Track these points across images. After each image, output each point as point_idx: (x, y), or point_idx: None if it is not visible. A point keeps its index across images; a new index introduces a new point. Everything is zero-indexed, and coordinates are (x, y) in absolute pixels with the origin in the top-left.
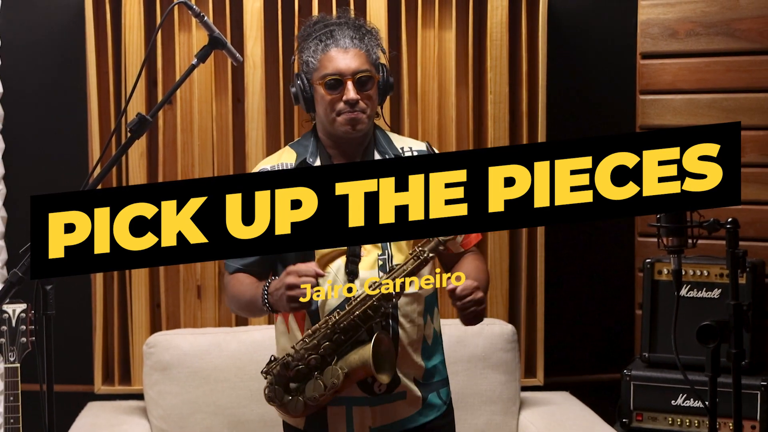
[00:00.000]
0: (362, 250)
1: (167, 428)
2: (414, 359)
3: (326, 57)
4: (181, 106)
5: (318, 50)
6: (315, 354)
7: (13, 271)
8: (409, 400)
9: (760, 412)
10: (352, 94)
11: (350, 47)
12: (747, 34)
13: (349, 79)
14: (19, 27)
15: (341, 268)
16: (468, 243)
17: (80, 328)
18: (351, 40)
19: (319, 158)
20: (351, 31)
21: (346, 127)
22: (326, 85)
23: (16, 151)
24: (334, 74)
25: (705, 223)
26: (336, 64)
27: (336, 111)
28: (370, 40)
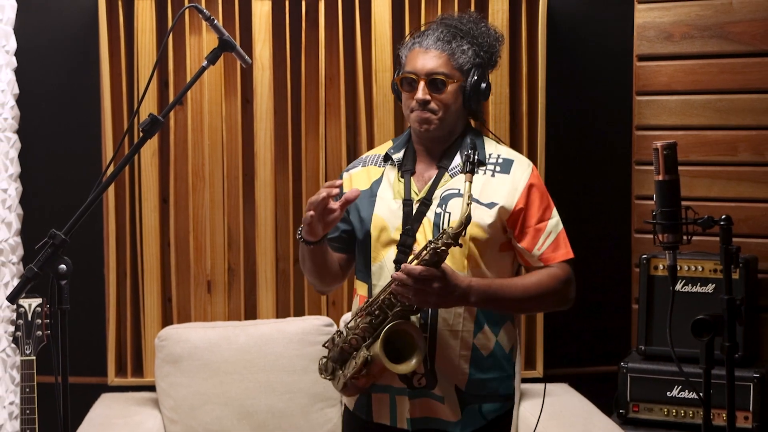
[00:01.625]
0: (415, 243)
1: (178, 419)
2: (456, 365)
3: (410, 54)
4: (191, 106)
5: (408, 47)
6: (355, 334)
7: (29, 267)
8: (448, 406)
9: (752, 403)
10: (421, 95)
11: (432, 48)
12: (740, 37)
13: (422, 79)
14: (35, 30)
15: (391, 258)
16: (549, 259)
17: (94, 321)
18: (436, 41)
19: (403, 151)
20: (442, 32)
21: (416, 125)
22: (401, 82)
23: (31, 150)
24: (409, 72)
25: (699, 220)
26: (414, 63)
27: (410, 108)
28: (461, 43)
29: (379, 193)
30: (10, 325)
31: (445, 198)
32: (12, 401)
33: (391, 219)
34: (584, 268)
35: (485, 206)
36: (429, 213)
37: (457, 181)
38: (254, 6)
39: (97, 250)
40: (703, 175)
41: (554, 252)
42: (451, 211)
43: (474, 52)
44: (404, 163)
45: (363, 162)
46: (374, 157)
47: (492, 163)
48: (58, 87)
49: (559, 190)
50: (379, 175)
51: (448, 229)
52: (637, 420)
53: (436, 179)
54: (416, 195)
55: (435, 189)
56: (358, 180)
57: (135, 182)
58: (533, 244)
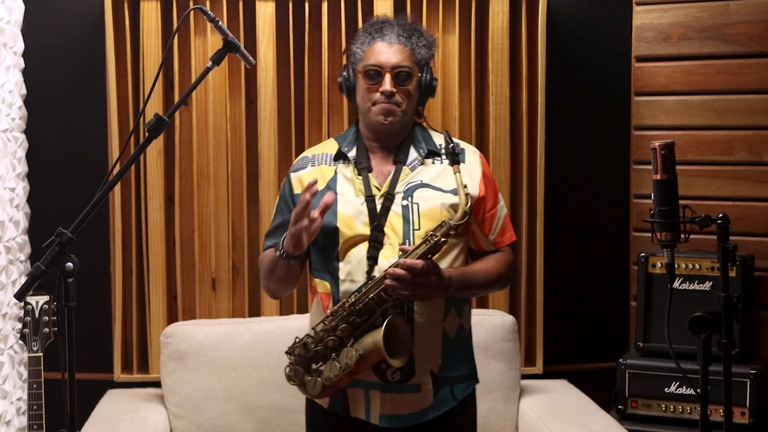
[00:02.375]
0: (385, 237)
1: (183, 414)
2: (431, 351)
3: (371, 49)
4: (196, 107)
5: (365, 42)
6: (332, 335)
7: (37, 265)
8: (423, 394)
9: (749, 399)
10: (388, 86)
11: (395, 43)
12: (737, 38)
13: (388, 71)
14: (42, 32)
15: (364, 254)
16: (499, 242)
17: (100, 319)
18: (398, 36)
19: (355, 148)
20: (400, 29)
21: (380, 117)
22: (366, 75)
23: (38, 149)
24: (374, 65)
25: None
26: (378, 56)
27: (372, 101)
28: (419, 41)
29: (339, 191)
30: (17, 322)
31: (410, 190)
32: (20, 397)
33: (357, 215)
34: (583, 266)
35: (450, 193)
36: (395, 207)
37: (418, 174)
38: (258, 8)
39: (103, 249)
40: (700, 174)
41: (503, 236)
42: (419, 202)
43: (426, 50)
44: (359, 161)
45: (311, 162)
46: (323, 156)
47: (444, 153)
48: (65, 87)
49: (559, 189)
50: (332, 174)
51: (449, 221)
52: (636, 416)
53: (396, 174)
54: (378, 190)
55: (396, 183)
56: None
57: (141, 181)
58: (489, 229)
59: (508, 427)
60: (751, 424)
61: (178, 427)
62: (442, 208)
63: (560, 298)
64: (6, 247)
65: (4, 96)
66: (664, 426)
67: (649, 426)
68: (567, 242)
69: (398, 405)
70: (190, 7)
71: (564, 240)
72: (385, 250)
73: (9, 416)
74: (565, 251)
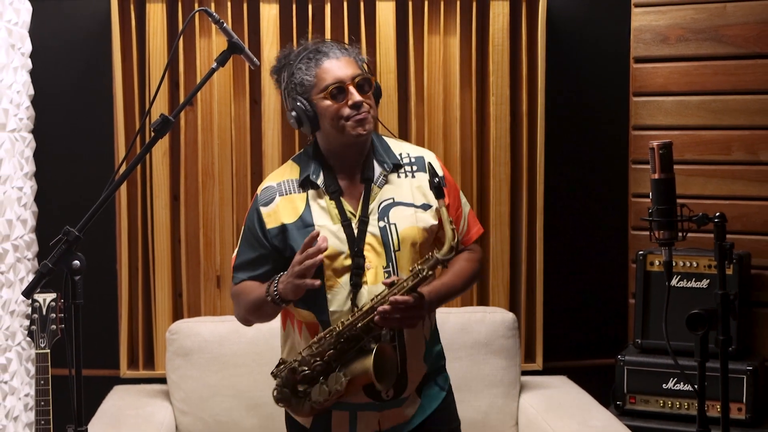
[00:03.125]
0: (367, 262)
1: (188, 410)
2: (419, 363)
3: (322, 70)
4: (201, 107)
5: (311, 67)
6: (320, 360)
7: (44, 263)
8: (411, 400)
9: (746, 394)
10: (357, 96)
11: (341, 56)
12: (733, 40)
13: (350, 84)
14: (49, 33)
15: (347, 282)
16: (468, 239)
17: (107, 316)
18: (339, 50)
19: (321, 173)
20: (335, 44)
21: (357, 129)
22: (330, 95)
23: (46, 149)
24: (334, 83)
25: (694, 217)
26: (334, 73)
27: (344, 117)
28: (354, 50)
29: (317, 222)
30: (25, 319)
31: (384, 210)
32: (27, 393)
33: (339, 245)
34: (583, 264)
35: (420, 208)
36: (371, 228)
37: (387, 191)
38: (262, 9)
39: (109, 247)
40: (697, 173)
41: (470, 232)
42: (396, 222)
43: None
44: (328, 185)
45: (278, 191)
46: (288, 184)
47: (407, 164)
48: (71, 88)
49: (558, 188)
50: (303, 203)
51: (436, 253)
52: (634, 411)
53: (366, 194)
54: (352, 215)
55: (368, 204)
56: (284, 210)
57: (147, 180)
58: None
59: (508, 423)
60: (747, 420)
61: (184, 423)
62: (418, 227)
63: (560, 295)
64: (14, 245)
65: (12, 96)
66: (662, 421)
67: (648, 421)
68: (566, 240)
69: (397, 418)
70: (195, 9)
71: (563, 238)
72: (368, 275)
73: (17, 412)
74: (565, 249)
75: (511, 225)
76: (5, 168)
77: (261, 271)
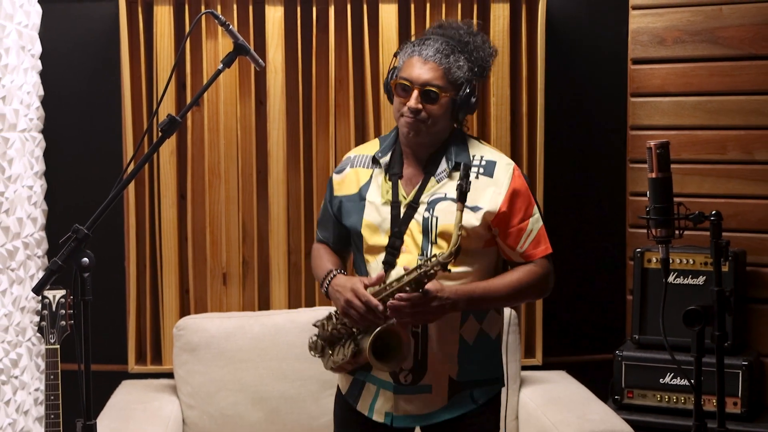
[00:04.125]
0: (403, 245)
1: (195, 404)
2: (446, 356)
3: (409, 62)
4: (208, 107)
5: (407, 53)
6: (343, 323)
7: (54, 260)
8: (434, 395)
9: (741, 389)
10: (413, 103)
11: (431, 59)
12: (729, 42)
13: (416, 88)
14: (59, 35)
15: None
16: (531, 255)
17: (115, 312)
18: (435, 52)
19: (390, 154)
20: (442, 44)
21: (405, 129)
22: (397, 87)
23: (55, 149)
24: (406, 79)
25: (691, 215)
26: (410, 71)
27: (400, 112)
28: (458, 58)
29: (368, 197)
30: (35, 315)
31: (432, 202)
32: (37, 388)
33: (381, 223)
34: (581, 261)
35: (470, 209)
36: (417, 216)
37: (443, 186)
38: (267, 12)
39: (118, 244)
40: (694, 172)
41: (535, 249)
42: (439, 216)
43: (469, 67)
44: (391, 166)
45: (351, 163)
46: (362, 158)
47: (476, 165)
48: (81, 89)
49: (558, 187)
50: (367, 178)
51: (438, 255)
52: (632, 405)
53: (423, 184)
54: (404, 198)
55: (422, 193)
56: (349, 182)
57: (154, 179)
58: (516, 243)
59: (508, 417)
60: (743, 414)
61: (190, 417)
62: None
63: (559, 292)
64: (24, 242)
65: (23, 97)
66: (659, 415)
67: (645, 415)
68: (565, 238)
69: (410, 405)
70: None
71: (562, 236)
72: (401, 257)
73: (27, 406)
74: (564, 247)
75: None
76: (16, 167)
77: (327, 233)
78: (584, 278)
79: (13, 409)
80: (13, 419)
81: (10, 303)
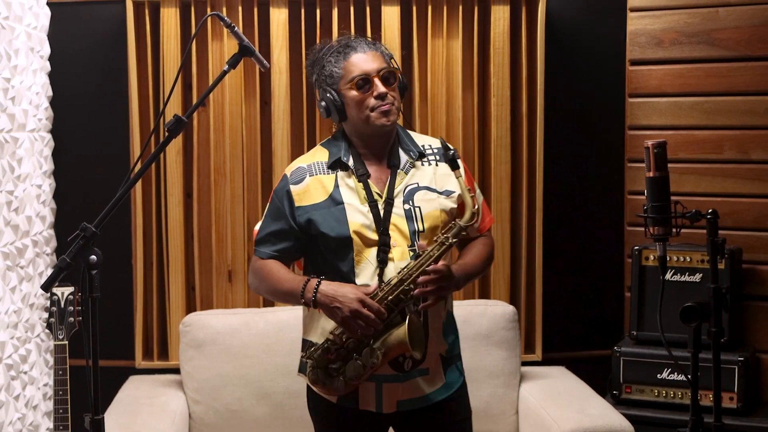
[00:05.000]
0: (392, 241)
1: (201, 399)
2: (440, 337)
3: (349, 63)
4: (213, 108)
5: (340, 60)
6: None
7: (62, 258)
8: (431, 376)
9: (737, 384)
10: (381, 88)
11: (368, 50)
12: (725, 43)
13: (375, 76)
14: (67, 37)
15: (374, 258)
16: (483, 227)
17: (122, 308)
18: (367, 45)
19: (351, 157)
20: (364, 39)
21: (381, 119)
22: (356, 86)
23: (64, 148)
24: (361, 75)
25: (688, 213)
26: (360, 66)
27: (369, 107)
28: (381, 45)
29: (346, 201)
30: (44, 312)
31: (409, 194)
32: (46, 383)
33: (366, 222)
34: (580, 259)
35: (443, 194)
36: (396, 210)
37: (412, 177)
38: (272, 14)
39: (125, 242)
40: (691, 171)
41: (484, 221)
42: (421, 205)
43: (389, 52)
44: (357, 168)
45: (308, 172)
46: (318, 166)
47: (430, 154)
48: (89, 90)
49: (557, 186)
50: (332, 183)
51: (459, 221)
52: (630, 400)
53: (392, 179)
54: (379, 197)
55: (393, 188)
56: (315, 190)
57: (161, 179)
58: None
59: (508, 411)
60: (739, 409)
61: (197, 412)
62: (441, 210)
63: (558, 288)
64: (33, 240)
65: (32, 98)
66: (656, 410)
67: (643, 410)
68: (565, 236)
69: (415, 389)
70: (207, 14)
71: (562, 234)
72: (393, 252)
73: (36, 401)
74: (563, 245)
75: (512, 221)
76: (25, 166)
77: (282, 246)
78: (583, 275)
79: (23, 404)
80: (23, 414)
81: (20, 300)
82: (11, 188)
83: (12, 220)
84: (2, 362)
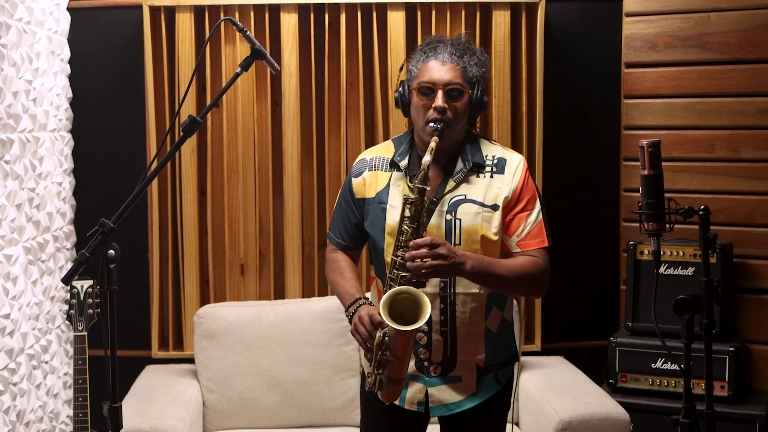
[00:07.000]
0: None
1: (215, 388)
2: (474, 349)
3: (425, 67)
4: (226, 109)
5: (420, 60)
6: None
7: (81, 252)
8: (465, 382)
9: (728, 373)
10: (440, 102)
11: (447, 61)
12: (717, 47)
13: (440, 88)
14: (87, 40)
15: None
16: (525, 245)
17: (139, 301)
18: (450, 55)
19: (407, 158)
20: (452, 48)
21: (431, 136)
22: (420, 91)
23: (83, 148)
24: (428, 82)
25: (681, 210)
26: (431, 73)
27: (426, 119)
28: (470, 60)
29: (390, 202)
30: (64, 304)
31: (454, 204)
32: (66, 372)
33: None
34: (578, 254)
35: (490, 208)
36: (437, 217)
37: (462, 187)
38: (282, 18)
39: (142, 237)
40: (684, 170)
41: (531, 240)
42: (462, 218)
43: (478, 68)
44: (411, 169)
45: (369, 166)
46: (379, 161)
47: (489, 164)
48: (107, 91)
49: (555, 184)
50: (385, 182)
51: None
52: (625, 389)
53: (442, 184)
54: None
55: (442, 194)
56: (369, 185)
57: (176, 176)
58: (515, 230)
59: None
60: (729, 397)
61: (210, 400)
62: (481, 222)
63: (557, 282)
64: (54, 236)
65: (53, 99)
66: (651, 398)
67: (638, 398)
68: (563, 231)
69: (441, 397)
70: (220, 19)
71: (560, 230)
72: None
73: (57, 389)
74: (561, 240)
75: None
76: (46, 165)
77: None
78: (581, 269)
79: (44, 392)
80: (44, 402)
81: (41, 292)
82: (33, 186)
83: (34, 216)
84: (24, 352)
